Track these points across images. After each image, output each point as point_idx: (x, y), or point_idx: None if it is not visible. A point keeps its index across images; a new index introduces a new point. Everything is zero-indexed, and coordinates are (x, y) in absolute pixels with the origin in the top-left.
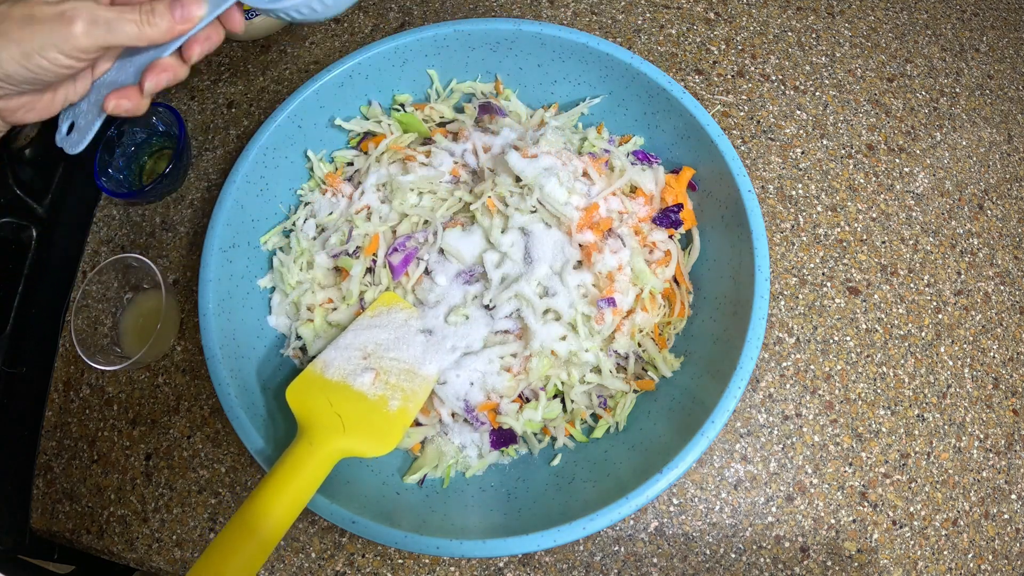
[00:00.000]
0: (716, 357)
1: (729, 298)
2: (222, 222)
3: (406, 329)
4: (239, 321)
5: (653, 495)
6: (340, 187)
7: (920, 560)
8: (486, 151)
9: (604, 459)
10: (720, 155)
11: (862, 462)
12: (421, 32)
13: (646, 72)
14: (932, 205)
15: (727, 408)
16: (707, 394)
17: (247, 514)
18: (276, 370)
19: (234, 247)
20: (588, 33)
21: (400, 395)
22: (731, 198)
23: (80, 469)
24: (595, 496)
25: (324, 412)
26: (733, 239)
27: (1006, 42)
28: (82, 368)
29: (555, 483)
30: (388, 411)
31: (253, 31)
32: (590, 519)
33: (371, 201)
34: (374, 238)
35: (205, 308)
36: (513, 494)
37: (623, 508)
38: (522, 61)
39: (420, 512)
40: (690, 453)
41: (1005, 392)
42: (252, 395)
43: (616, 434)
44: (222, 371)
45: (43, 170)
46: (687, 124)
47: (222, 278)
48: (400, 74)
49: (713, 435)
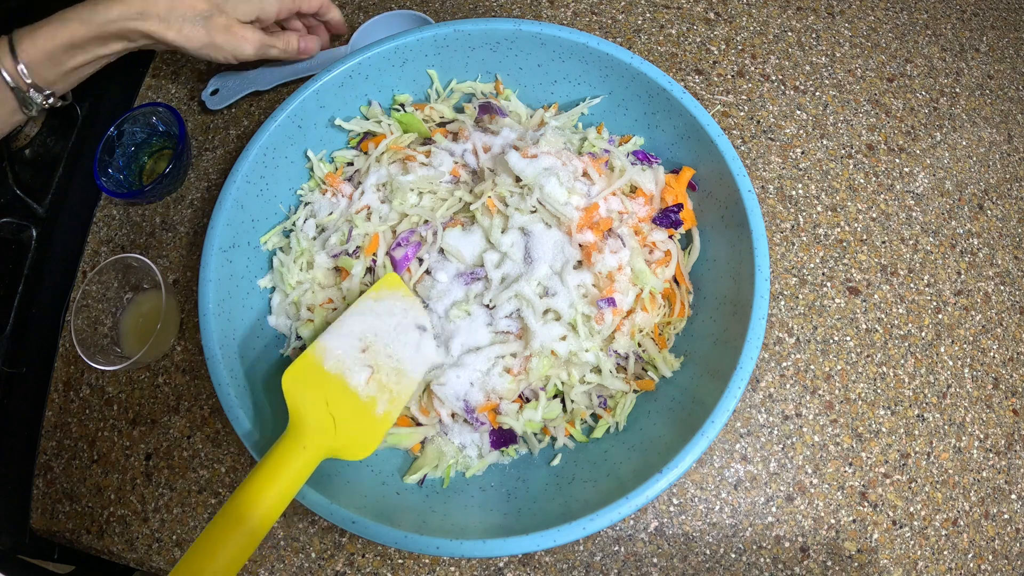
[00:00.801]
0: (716, 357)
1: (729, 298)
2: (222, 222)
3: (404, 321)
4: (239, 321)
5: (653, 495)
6: (340, 187)
7: (920, 560)
8: (486, 151)
9: (604, 459)
10: (720, 155)
11: (862, 462)
12: (421, 32)
13: (646, 72)
14: (932, 205)
15: (727, 408)
16: (707, 394)
17: (237, 505)
18: (276, 371)
19: (234, 247)
20: (588, 33)
21: (387, 398)
22: (731, 198)
23: (80, 469)
24: (595, 496)
25: (319, 411)
26: (733, 239)
27: (1006, 42)
28: (82, 368)
29: (555, 483)
30: (375, 415)
31: None
32: (590, 519)
33: (371, 201)
34: (374, 238)
35: (205, 308)
36: (513, 494)
37: (623, 508)
38: (522, 61)
39: (420, 512)
40: (690, 453)
41: (1005, 392)
42: (252, 395)
43: (616, 434)
44: (222, 371)
45: (43, 170)
46: (687, 124)
47: (222, 278)
48: (400, 74)
49: (713, 435)
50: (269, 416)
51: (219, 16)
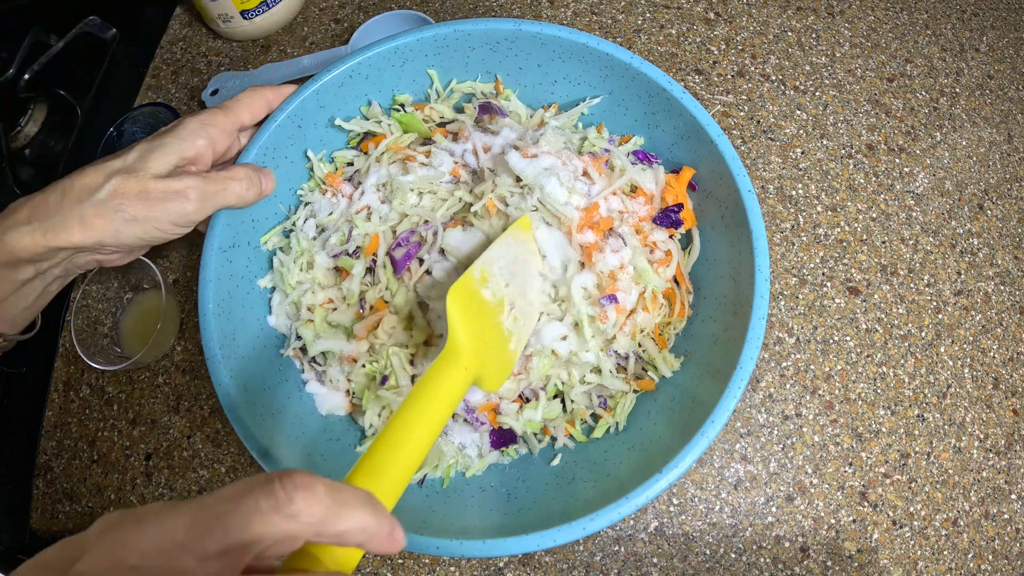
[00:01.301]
0: (716, 357)
1: (729, 298)
2: (222, 222)
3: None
4: (239, 321)
5: (653, 495)
6: (340, 187)
7: (920, 560)
8: (486, 151)
9: (604, 459)
10: (720, 155)
11: (862, 462)
12: (421, 32)
13: (646, 72)
14: (932, 205)
15: (727, 408)
16: (707, 394)
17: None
18: (276, 370)
19: (234, 247)
20: (588, 33)
21: (516, 336)
22: (731, 198)
23: (80, 469)
24: (595, 496)
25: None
26: (733, 239)
27: (1006, 42)
28: (82, 368)
29: (555, 483)
30: (509, 350)
31: (253, 31)
32: (590, 519)
33: (371, 201)
34: (374, 238)
35: (205, 308)
36: (513, 494)
37: (623, 508)
38: (522, 61)
39: (420, 512)
40: (690, 453)
41: (1005, 392)
42: (252, 395)
43: (616, 434)
44: (222, 371)
45: (43, 170)
46: (687, 124)
47: (222, 278)
48: (400, 74)
49: (713, 435)
50: (270, 417)
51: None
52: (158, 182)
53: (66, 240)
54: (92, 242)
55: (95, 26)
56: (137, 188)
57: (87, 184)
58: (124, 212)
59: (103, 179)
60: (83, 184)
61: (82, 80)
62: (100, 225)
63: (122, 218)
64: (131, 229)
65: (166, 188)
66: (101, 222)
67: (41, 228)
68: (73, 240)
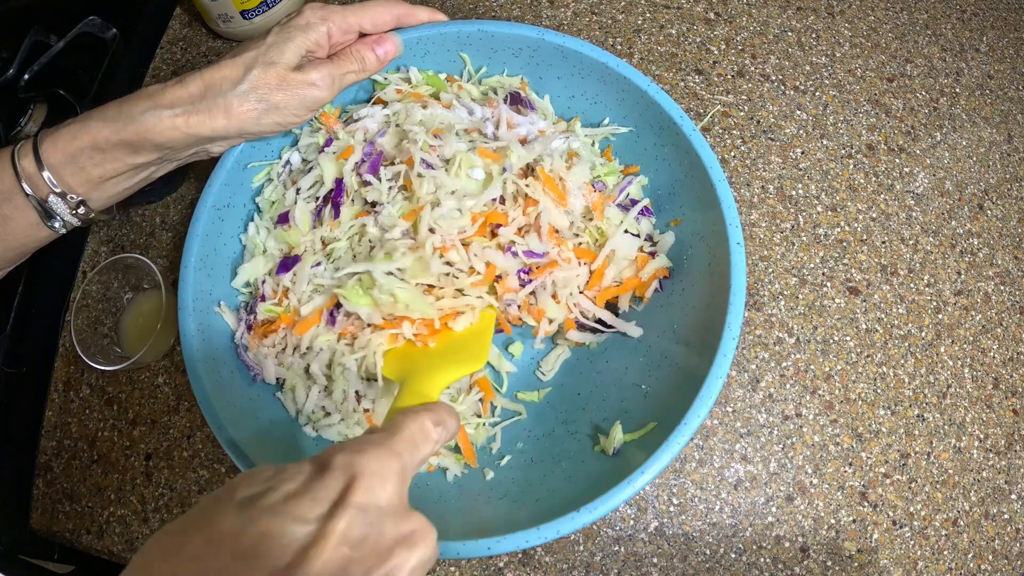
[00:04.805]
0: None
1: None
2: (220, 181)
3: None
4: (219, 279)
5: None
6: (335, 127)
7: (920, 560)
8: (510, 127)
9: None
10: (718, 201)
11: (862, 462)
12: (445, 27)
13: (660, 103)
14: (932, 205)
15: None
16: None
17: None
18: None
19: (228, 206)
20: (609, 53)
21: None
22: (722, 253)
23: (80, 469)
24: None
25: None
26: (715, 287)
27: (1006, 42)
28: (82, 368)
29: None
30: (473, 325)
31: (253, 31)
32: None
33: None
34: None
35: (187, 261)
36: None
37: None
38: (543, 71)
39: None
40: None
41: (1005, 392)
42: (212, 351)
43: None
44: (190, 323)
45: None
46: (692, 163)
47: (210, 234)
48: (420, 64)
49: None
50: (228, 377)
51: (263, 72)
52: (295, 73)
53: (209, 128)
54: (235, 130)
55: (95, 26)
56: (277, 79)
57: (228, 76)
58: (266, 101)
59: (243, 71)
60: (223, 76)
61: (82, 80)
62: (243, 113)
63: (264, 107)
64: (272, 116)
65: (304, 79)
66: (244, 110)
67: (184, 114)
68: (217, 128)
